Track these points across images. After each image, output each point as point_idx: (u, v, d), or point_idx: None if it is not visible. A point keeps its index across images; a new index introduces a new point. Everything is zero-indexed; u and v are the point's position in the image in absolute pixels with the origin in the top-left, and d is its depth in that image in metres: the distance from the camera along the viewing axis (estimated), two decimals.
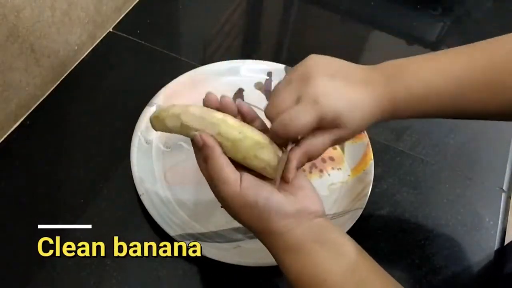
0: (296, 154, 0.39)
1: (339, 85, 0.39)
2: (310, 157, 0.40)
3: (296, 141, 0.40)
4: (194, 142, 0.41)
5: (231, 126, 0.40)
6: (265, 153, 0.40)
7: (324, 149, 0.40)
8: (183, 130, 0.41)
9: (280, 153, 0.40)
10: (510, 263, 0.53)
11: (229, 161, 0.39)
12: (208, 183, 0.41)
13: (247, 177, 0.39)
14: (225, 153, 0.40)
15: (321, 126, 0.39)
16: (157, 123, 0.43)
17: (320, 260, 0.37)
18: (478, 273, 0.53)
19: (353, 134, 0.41)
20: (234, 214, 0.40)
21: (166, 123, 0.42)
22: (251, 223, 0.39)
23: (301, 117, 0.38)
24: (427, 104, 0.41)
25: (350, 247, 0.38)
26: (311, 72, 0.39)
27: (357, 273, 0.37)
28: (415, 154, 0.62)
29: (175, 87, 0.63)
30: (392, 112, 0.41)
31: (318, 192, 0.41)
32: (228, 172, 0.38)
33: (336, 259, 0.37)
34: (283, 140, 0.40)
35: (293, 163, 0.39)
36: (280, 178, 0.40)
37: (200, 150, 0.40)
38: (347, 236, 0.39)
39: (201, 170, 0.42)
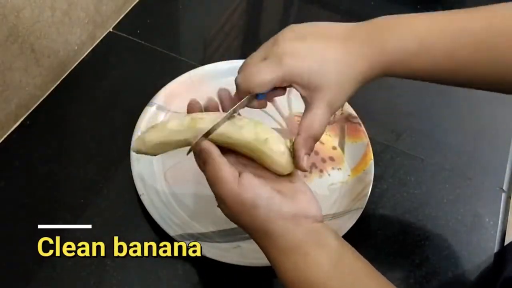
0: (300, 141, 0.40)
1: (307, 45, 0.39)
2: (314, 138, 0.40)
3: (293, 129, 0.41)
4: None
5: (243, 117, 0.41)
6: (281, 143, 0.40)
7: (324, 124, 0.40)
8: (190, 132, 0.41)
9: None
10: (510, 264, 0.53)
11: (226, 161, 0.39)
12: (209, 184, 0.41)
13: (247, 175, 0.39)
14: (238, 143, 0.40)
15: (302, 93, 0.39)
16: (154, 133, 0.42)
17: (317, 265, 0.37)
18: (478, 273, 0.53)
19: (340, 94, 0.40)
20: (231, 214, 0.39)
21: (168, 126, 0.41)
22: (248, 223, 0.39)
23: (262, 72, 0.39)
24: (419, 60, 0.40)
25: (347, 252, 0.38)
26: (280, 37, 0.40)
27: (353, 279, 0.37)
28: (415, 154, 0.62)
29: (175, 87, 0.63)
30: (383, 67, 0.40)
31: (318, 192, 0.41)
32: (226, 171, 0.38)
33: (333, 264, 0.37)
34: (245, 95, 0.40)
35: (301, 151, 0.39)
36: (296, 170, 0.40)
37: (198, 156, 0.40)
38: (344, 242, 0.39)
39: (203, 172, 0.42)
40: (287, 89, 0.41)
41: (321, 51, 0.39)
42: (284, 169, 0.41)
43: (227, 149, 0.41)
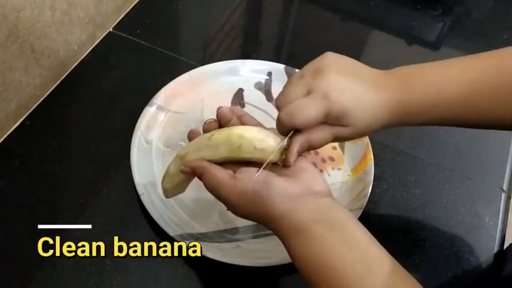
0: (299, 140, 0.40)
1: (351, 84, 0.40)
2: (310, 146, 0.41)
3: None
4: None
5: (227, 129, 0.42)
6: (268, 139, 0.41)
7: (325, 142, 0.41)
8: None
9: (279, 139, 0.41)
10: (510, 264, 0.53)
11: (219, 166, 0.41)
12: (212, 194, 0.42)
13: (243, 169, 0.40)
14: (226, 159, 0.41)
15: (327, 121, 0.40)
16: (166, 182, 0.46)
17: (329, 246, 0.37)
18: (478, 273, 0.53)
19: (357, 134, 0.41)
20: (238, 210, 0.40)
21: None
22: (254, 212, 0.39)
23: (308, 109, 0.39)
24: (438, 110, 0.41)
25: (358, 231, 0.38)
26: (325, 68, 0.40)
27: (366, 260, 0.36)
28: (415, 154, 0.62)
29: (175, 87, 0.63)
30: (402, 117, 0.41)
31: None
32: (221, 173, 0.40)
33: (346, 245, 0.37)
34: (287, 130, 0.40)
35: (295, 147, 0.40)
36: (281, 163, 0.41)
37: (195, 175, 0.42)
38: (354, 218, 0.39)
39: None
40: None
41: (360, 93, 0.40)
42: (272, 160, 0.41)
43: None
